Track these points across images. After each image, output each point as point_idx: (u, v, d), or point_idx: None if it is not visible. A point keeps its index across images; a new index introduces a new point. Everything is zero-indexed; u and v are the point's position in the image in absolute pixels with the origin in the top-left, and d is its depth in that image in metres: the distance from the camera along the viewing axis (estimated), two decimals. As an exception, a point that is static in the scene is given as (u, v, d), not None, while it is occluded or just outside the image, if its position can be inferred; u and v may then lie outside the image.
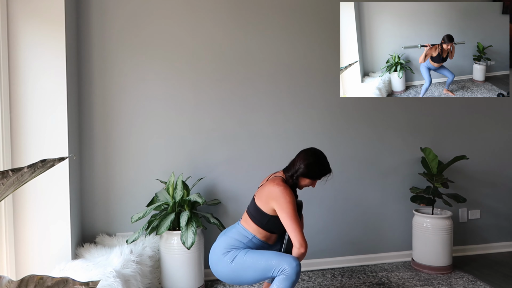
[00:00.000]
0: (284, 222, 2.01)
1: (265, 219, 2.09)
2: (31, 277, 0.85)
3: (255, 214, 2.11)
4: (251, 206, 2.16)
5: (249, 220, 2.13)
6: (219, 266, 2.07)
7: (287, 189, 2.05)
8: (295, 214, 2.01)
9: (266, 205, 2.07)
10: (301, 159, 2.15)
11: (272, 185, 2.07)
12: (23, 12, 2.20)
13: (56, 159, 0.86)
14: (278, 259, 1.96)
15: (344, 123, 3.10)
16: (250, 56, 2.90)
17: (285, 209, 2.00)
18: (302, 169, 2.12)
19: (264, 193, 2.09)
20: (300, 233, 1.99)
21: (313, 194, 3.06)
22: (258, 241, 2.11)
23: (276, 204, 2.03)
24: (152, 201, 2.65)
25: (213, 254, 2.12)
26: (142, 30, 2.73)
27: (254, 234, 2.11)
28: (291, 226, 1.99)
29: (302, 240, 1.98)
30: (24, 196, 2.24)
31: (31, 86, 2.23)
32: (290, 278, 1.93)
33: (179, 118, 2.81)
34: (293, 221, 1.99)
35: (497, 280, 2.83)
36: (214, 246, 2.14)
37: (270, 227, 2.11)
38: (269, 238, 2.15)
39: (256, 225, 2.10)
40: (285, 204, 2.01)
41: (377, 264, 3.15)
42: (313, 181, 2.19)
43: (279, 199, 2.02)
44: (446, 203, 3.00)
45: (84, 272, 2.03)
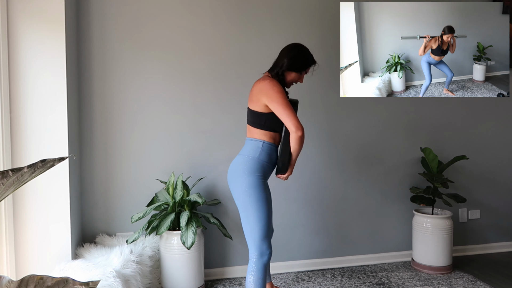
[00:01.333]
0: (276, 112, 2.03)
1: (263, 119, 2.11)
2: (31, 277, 0.85)
3: (253, 118, 2.14)
4: (248, 115, 2.19)
5: (251, 128, 2.16)
6: (237, 184, 2.09)
7: (273, 81, 2.07)
8: (286, 102, 2.02)
9: (258, 103, 2.09)
10: (283, 55, 2.16)
11: (258, 82, 2.11)
12: (23, 12, 2.20)
13: (56, 159, 0.86)
14: (261, 240, 2.04)
15: (344, 123, 3.10)
16: (250, 56, 2.90)
17: (274, 99, 2.02)
18: (286, 63, 2.13)
19: (253, 94, 2.12)
20: (293, 117, 2.00)
21: (313, 194, 3.06)
22: (268, 145, 2.12)
23: (266, 98, 2.04)
24: (152, 201, 2.65)
25: (233, 170, 2.13)
26: (142, 30, 2.73)
27: (262, 139, 2.12)
28: (283, 113, 2.01)
29: (297, 123, 1.99)
30: (24, 196, 2.24)
31: (31, 86, 2.23)
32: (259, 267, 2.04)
33: (179, 118, 2.81)
34: (284, 107, 2.00)
35: (497, 280, 2.83)
36: (233, 164, 2.15)
37: (270, 125, 2.12)
38: (275, 138, 2.16)
39: (258, 129, 2.13)
40: (273, 94, 2.03)
41: (377, 264, 3.15)
42: (299, 75, 2.19)
43: (267, 91, 2.04)
44: (446, 203, 3.00)
45: (84, 272, 2.03)
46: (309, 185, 3.04)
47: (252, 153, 2.10)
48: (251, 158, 2.09)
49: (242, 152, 2.15)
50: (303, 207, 3.04)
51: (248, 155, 2.10)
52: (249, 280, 2.05)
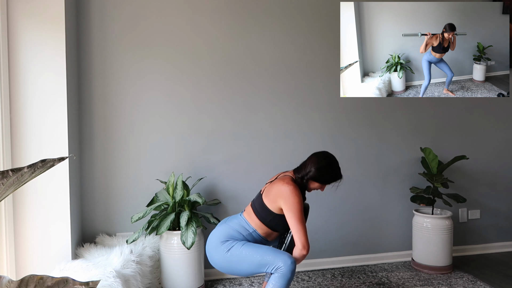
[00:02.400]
0: (290, 222, 2.01)
1: (269, 217, 2.09)
2: (31, 277, 0.85)
3: (260, 210, 2.12)
4: (256, 201, 2.16)
5: (253, 214, 2.13)
6: (215, 253, 2.07)
7: (296, 189, 2.04)
8: (302, 215, 2.01)
9: (273, 203, 2.07)
10: (312, 162, 2.14)
11: (282, 183, 2.07)
12: (23, 12, 2.20)
13: (56, 159, 0.86)
14: (274, 256, 1.97)
15: (344, 123, 3.10)
16: (250, 56, 2.90)
17: (292, 209, 2.00)
18: (313, 173, 2.11)
19: (272, 191, 2.09)
20: (305, 235, 1.99)
21: (313, 194, 3.06)
22: (258, 236, 2.11)
23: (284, 203, 2.03)
24: (152, 201, 2.65)
25: (211, 241, 2.12)
26: (142, 30, 2.73)
27: (255, 228, 2.11)
28: (296, 227, 1.99)
29: (305, 242, 1.98)
30: (24, 196, 2.24)
31: (31, 86, 2.23)
32: (285, 276, 1.93)
33: (179, 118, 2.81)
34: (299, 222, 2.00)
35: (497, 280, 2.83)
36: (213, 233, 2.14)
37: (273, 225, 2.11)
38: (269, 235, 2.15)
39: (259, 221, 2.11)
40: (293, 204, 2.01)
41: (377, 264, 3.15)
42: (322, 185, 2.18)
43: (287, 198, 2.02)
44: (446, 203, 3.00)
45: (84, 272, 2.03)
46: (309, 185, 3.04)
47: (239, 229, 2.10)
48: (235, 231, 2.09)
49: (228, 224, 2.14)
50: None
51: (235, 228, 2.10)
52: None
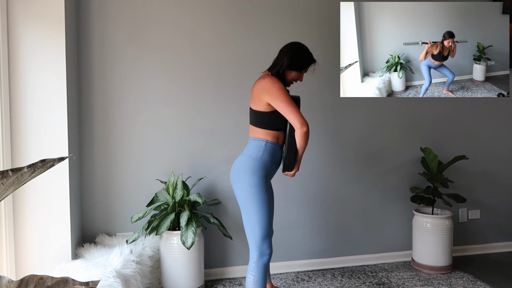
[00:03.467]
0: (279, 109, 2.03)
1: (265, 118, 2.10)
2: (31, 277, 0.85)
3: (255, 118, 2.14)
4: (251, 115, 2.19)
5: (254, 128, 2.15)
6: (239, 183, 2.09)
7: (274, 78, 2.07)
8: (289, 98, 2.02)
9: (260, 102, 2.09)
10: (283, 54, 2.16)
11: (259, 81, 2.10)
12: (23, 12, 2.20)
13: (56, 159, 0.86)
14: (262, 240, 2.05)
15: (344, 123, 3.10)
16: (250, 56, 2.90)
17: (277, 96, 2.02)
18: (286, 62, 2.12)
19: (254, 93, 2.12)
20: (297, 113, 2.00)
21: (313, 193, 3.06)
22: (271, 145, 2.12)
23: (268, 96, 2.04)
24: (152, 201, 2.65)
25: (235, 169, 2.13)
26: (142, 30, 2.73)
27: (265, 139, 2.12)
28: (287, 109, 2.01)
29: (301, 119, 2.00)
30: (24, 196, 2.24)
31: (31, 86, 2.23)
32: (259, 267, 2.05)
33: (179, 118, 2.81)
34: (288, 104, 2.01)
35: (497, 280, 2.83)
36: (236, 163, 2.15)
37: (273, 123, 2.11)
38: (278, 137, 2.15)
39: (261, 129, 2.12)
40: (275, 91, 2.02)
41: (377, 264, 3.15)
42: (299, 74, 2.19)
43: (269, 89, 2.04)
44: (446, 203, 3.00)
45: (84, 272, 2.03)
46: (309, 185, 3.04)
47: (255, 153, 2.10)
48: (253, 158, 2.08)
49: (245, 152, 2.15)
50: (303, 207, 3.04)
51: (251, 155, 2.10)
52: (249, 280, 2.05)
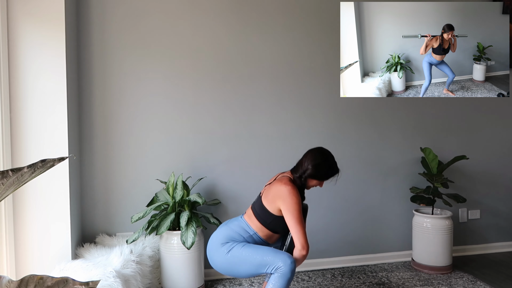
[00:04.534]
0: (288, 222, 2.01)
1: (269, 218, 2.09)
2: (31, 277, 0.85)
3: (259, 212, 2.12)
4: (256, 204, 2.16)
5: (253, 217, 2.13)
6: (215, 255, 2.08)
7: (294, 190, 2.04)
8: (300, 216, 2.01)
9: (272, 204, 2.07)
10: (308, 160, 2.14)
11: (280, 184, 2.07)
12: (23, 12, 2.20)
13: (56, 159, 0.86)
14: (274, 256, 1.97)
15: (344, 123, 3.10)
16: (250, 55, 2.90)
17: (290, 210, 2.00)
18: (310, 170, 2.11)
19: (271, 192, 2.09)
20: (303, 235, 1.99)
21: (313, 194, 3.06)
22: (258, 238, 2.12)
23: (283, 204, 2.03)
24: (152, 201, 2.65)
25: (212, 243, 2.13)
26: (142, 30, 2.73)
27: (256, 231, 2.11)
28: (295, 227, 1.99)
29: (304, 243, 1.99)
30: (24, 196, 2.24)
31: (31, 86, 2.23)
32: (285, 276, 1.94)
33: (179, 118, 2.81)
34: (298, 222, 2.00)
35: (497, 280, 2.83)
36: (214, 235, 2.15)
37: (273, 227, 2.11)
38: (270, 237, 2.15)
39: (259, 223, 2.11)
40: (291, 204, 2.01)
41: (377, 264, 3.15)
42: (321, 182, 2.19)
43: (286, 199, 2.02)
44: (446, 203, 3.00)
45: (84, 272, 2.03)
46: (309, 185, 3.04)
47: (239, 231, 2.11)
48: (236, 233, 2.09)
49: (229, 226, 2.14)
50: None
51: (236, 230, 2.11)
52: None
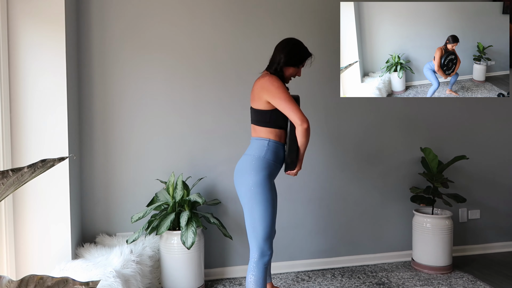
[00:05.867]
0: (279, 107, 2.03)
1: (267, 116, 2.10)
2: (31, 277, 0.85)
3: (256, 117, 2.14)
4: (252, 114, 2.19)
5: (256, 127, 2.15)
6: (242, 179, 2.09)
7: (272, 77, 2.08)
8: (288, 96, 2.03)
9: (260, 101, 2.10)
10: (278, 51, 2.17)
11: (258, 80, 2.11)
12: (23, 12, 2.20)
13: (56, 159, 0.86)
14: (264, 240, 2.04)
15: (344, 123, 3.10)
16: (250, 56, 2.90)
17: (276, 94, 2.03)
18: (283, 59, 2.13)
19: (254, 92, 2.12)
20: (297, 110, 2.01)
21: (313, 194, 3.06)
22: (274, 143, 2.12)
23: (268, 94, 2.05)
24: (152, 201, 2.65)
25: (239, 170, 2.12)
26: (142, 30, 2.73)
27: (268, 138, 2.12)
28: (287, 107, 2.01)
29: (301, 116, 2.00)
30: (24, 196, 2.24)
31: (31, 86, 2.23)
32: (260, 267, 2.05)
33: (179, 118, 2.81)
34: (287, 102, 2.01)
35: (497, 280, 2.83)
36: (239, 164, 2.14)
37: (275, 122, 2.11)
38: (281, 136, 2.15)
39: (263, 127, 2.12)
40: (275, 89, 2.03)
41: (377, 264, 3.15)
42: (297, 69, 2.20)
43: (268, 87, 2.04)
44: (446, 203, 3.00)
45: (84, 272, 2.03)
46: (309, 185, 3.04)
47: (258, 152, 2.09)
48: (257, 158, 2.08)
49: (248, 152, 2.14)
50: (303, 207, 3.04)
51: (254, 154, 2.09)
52: (250, 280, 2.05)
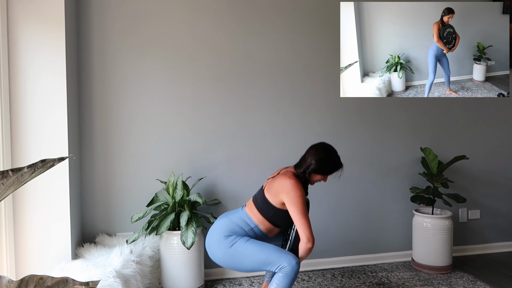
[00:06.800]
0: (293, 215, 2.01)
1: (271, 212, 2.09)
2: (31, 277, 0.85)
3: (262, 205, 2.11)
4: (258, 196, 2.16)
5: (255, 209, 2.13)
6: (217, 248, 2.07)
7: (298, 183, 2.04)
8: (305, 209, 2.01)
9: (275, 197, 2.07)
10: (311, 155, 2.14)
11: (284, 178, 2.07)
12: (23, 12, 2.20)
13: (56, 159, 0.86)
14: (279, 256, 1.97)
15: (344, 123, 3.10)
16: (249, 56, 2.90)
17: (295, 203, 2.00)
18: (314, 165, 2.12)
19: (274, 186, 2.09)
20: (309, 227, 1.99)
21: (313, 193, 3.05)
22: (259, 231, 2.11)
23: (286, 198, 2.02)
24: (152, 201, 2.65)
25: (212, 235, 2.11)
26: (142, 30, 2.73)
27: (257, 224, 2.10)
28: (300, 220, 1.99)
29: (310, 235, 1.98)
30: (24, 196, 2.24)
31: (31, 86, 2.23)
32: (289, 276, 1.94)
33: (179, 118, 2.81)
34: (303, 215, 1.99)
35: (497, 280, 2.83)
36: (214, 227, 2.13)
37: (275, 220, 2.10)
38: (271, 231, 2.14)
39: (261, 216, 2.10)
40: (295, 198, 2.00)
41: (377, 264, 3.15)
42: (324, 177, 2.19)
43: (289, 192, 2.02)
44: (446, 203, 3.00)
45: (84, 272, 2.03)
46: (309, 185, 3.04)
47: (240, 224, 2.09)
48: (237, 225, 2.08)
49: (231, 218, 2.13)
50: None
51: (236, 223, 2.09)
52: None
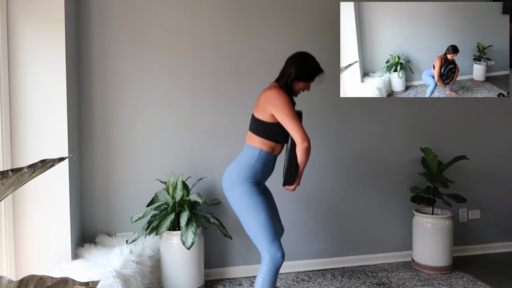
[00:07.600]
0: (282, 121, 2.02)
1: (266, 128, 2.09)
2: (31, 277, 0.85)
3: (256, 126, 2.13)
4: (251, 122, 2.18)
5: (253, 135, 2.14)
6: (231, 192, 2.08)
7: (280, 91, 2.07)
8: (293, 112, 2.02)
9: (263, 112, 2.08)
10: (290, 64, 2.16)
11: (266, 91, 2.10)
12: (23, 12, 2.20)
13: (56, 159, 0.86)
14: (269, 243, 2.00)
15: (344, 123, 3.10)
16: (249, 56, 2.90)
17: (281, 109, 2.01)
18: (294, 73, 2.12)
19: (260, 102, 2.11)
20: (300, 128, 2.00)
21: (313, 194, 3.06)
22: (265, 154, 2.11)
23: (272, 107, 2.04)
24: (152, 201, 2.65)
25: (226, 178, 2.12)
26: (142, 30, 2.73)
27: (260, 148, 2.11)
28: (290, 123, 2.00)
29: (303, 135, 1.99)
30: (24, 196, 2.24)
31: (31, 86, 2.23)
32: (271, 270, 1.99)
33: (179, 118, 2.81)
34: (291, 118, 2.00)
35: (497, 280, 2.83)
36: (227, 171, 2.14)
37: (273, 135, 2.11)
38: (274, 148, 2.15)
39: (259, 137, 2.11)
40: (280, 104, 2.02)
41: (377, 264, 3.15)
42: (307, 84, 2.20)
43: (274, 100, 2.03)
44: (446, 203, 3.00)
45: (84, 272, 2.03)
46: (309, 185, 3.04)
47: (247, 160, 2.10)
48: (245, 165, 2.08)
49: (238, 159, 2.14)
50: (303, 207, 3.04)
51: (243, 162, 2.10)
52: (258, 282, 2.01)
